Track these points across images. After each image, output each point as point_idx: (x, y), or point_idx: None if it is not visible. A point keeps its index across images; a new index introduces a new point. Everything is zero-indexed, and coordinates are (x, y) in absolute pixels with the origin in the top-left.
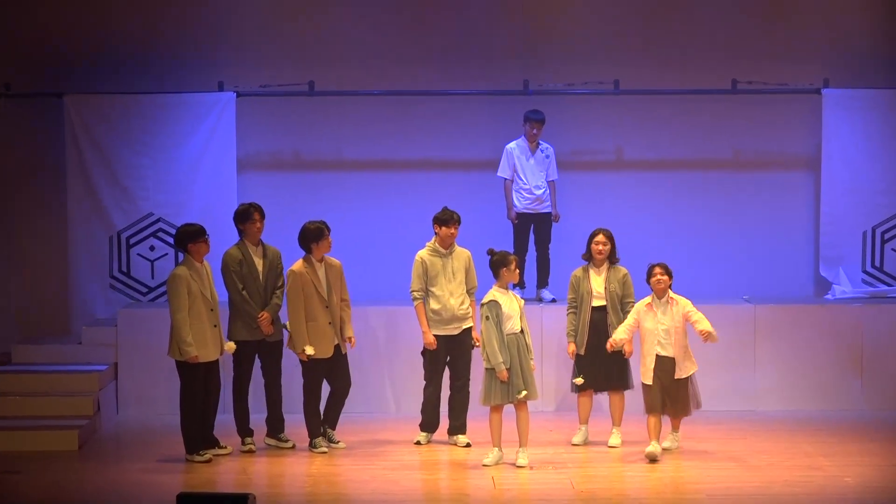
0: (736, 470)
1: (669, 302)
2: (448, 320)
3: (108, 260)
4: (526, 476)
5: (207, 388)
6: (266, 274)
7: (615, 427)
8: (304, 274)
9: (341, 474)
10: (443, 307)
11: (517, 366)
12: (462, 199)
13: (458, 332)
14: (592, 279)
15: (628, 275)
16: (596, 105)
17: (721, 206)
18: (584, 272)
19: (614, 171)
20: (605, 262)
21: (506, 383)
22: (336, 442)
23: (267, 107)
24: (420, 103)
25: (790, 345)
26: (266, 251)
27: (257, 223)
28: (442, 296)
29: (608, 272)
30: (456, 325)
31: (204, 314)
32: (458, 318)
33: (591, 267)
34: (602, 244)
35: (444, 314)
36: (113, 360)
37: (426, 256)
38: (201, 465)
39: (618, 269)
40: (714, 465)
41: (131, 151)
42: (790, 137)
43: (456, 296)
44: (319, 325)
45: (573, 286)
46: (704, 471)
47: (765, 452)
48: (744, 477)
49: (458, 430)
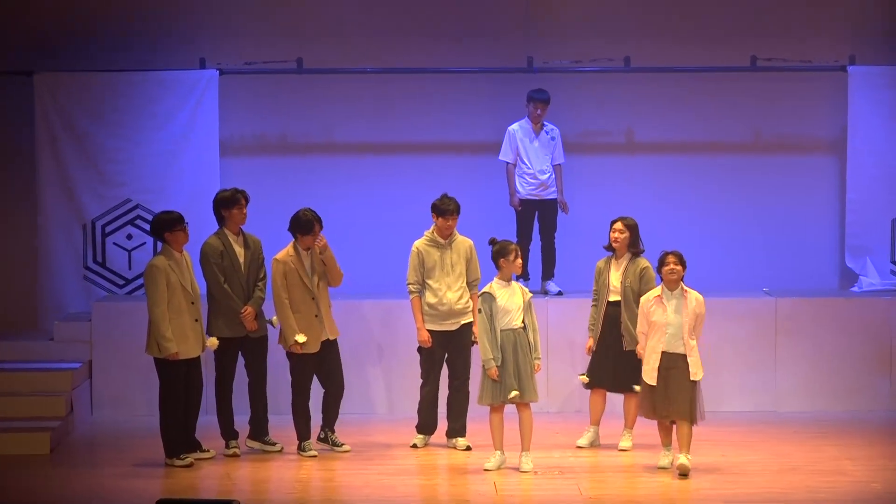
0: (755, 476)
1: (682, 294)
2: (445, 315)
3: (82, 250)
4: (530, 481)
5: (188, 387)
6: (248, 265)
7: (627, 429)
8: (289, 262)
9: (332, 479)
10: (439, 301)
11: (511, 364)
12: (461, 185)
13: (455, 327)
14: (612, 271)
15: (649, 269)
16: (605, 83)
17: (739, 192)
18: (606, 263)
19: (625, 154)
20: (625, 252)
21: (497, 382)
22: (340, 445)
23: (252, 85)
24: (416, 82)
25: (813, 341)
26: (247, 240)
27: (244, 209)
28: (438, 289)
29: (627, 265)
30: (453, 320)
31: (184, 308)
32: (455, 312)
33: (614, 258)
34: (618, 232)
35: (440, 308)
36: (87, 357)
37: (422, 247)
38: (182, 469)
39: (638, 261)
40: (732, 470)
41: (107, 133)
42: (813, 118)
43: (454, 289)
44: (305, 318)
45: (596, 277)
46: (721, 476)
47: (786, 456)
48: (764, 483)
49: (458, 433)
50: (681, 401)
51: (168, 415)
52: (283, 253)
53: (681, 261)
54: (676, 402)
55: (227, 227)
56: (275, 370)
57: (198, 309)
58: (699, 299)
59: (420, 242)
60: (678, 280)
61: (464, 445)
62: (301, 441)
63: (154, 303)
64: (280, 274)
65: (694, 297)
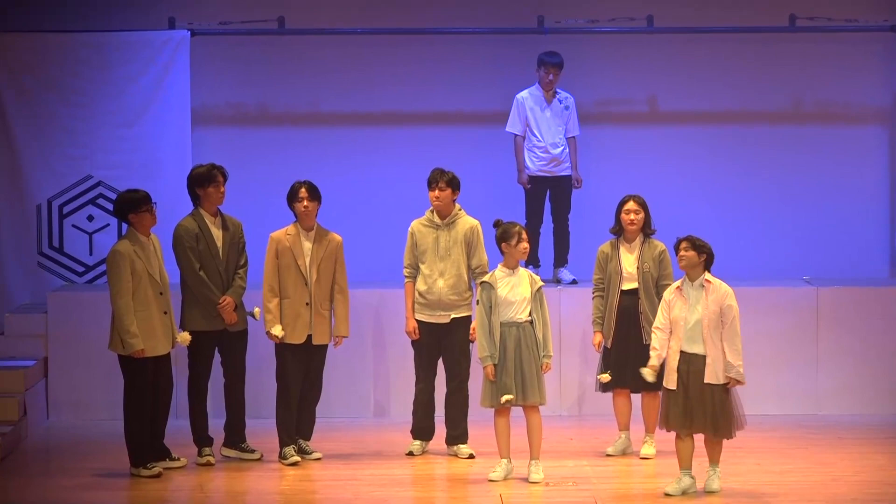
0: (795, 485)
1: (705, 286)
2: (433, 305)
3: (36, 233)
4: (541, 494)
5: (157, 387)
6: (227, 250)
7: (648, 434)
8: (284, 240)
9: (317, 492)
10: (428, 289)
11: (512, 362)
12: (464, 160)
13: (446, 320)
14: (623, 256)
15: (666, 251)
16: (625, 46)
17: (776, 168)
18: (612, 248)
19: (647, 125)
20: (637, 235)
21: (494, 382)
22: (309, 452)
23: (227, 48)
24: (414, 44)
25: (860, 335)
26: (226, 222)
27: (221, 188)
28: (430, 275)
29: (642, 248)
30: (443, 312)
31: (152, 298)
32: (445, 304)
33: (622, 241)
34: (634, 213)
35: (428, 297)
36: (42, 354)
37: (417, 227)
38: (149, 480)
39: (654, 243)
40: (768, 479)
41: (64, 102)
42: (860, 85)
43: (447, 276)
44: (294, 304)
45: (600, 264)
46: (757, 487)
47: (829, 465)
48: (804, 494)
49: (458, 440)
50: (701, 411)
51: (134, 419)
52: (281, 230)
53: (693, 246)
54: (696, 412)
55: (203, 208)
56: (254, 369)
57: (167, 300)
58: (724, 291)
59: (417, 223)
60: (689, 268)
61: (466, 453)
62: (281, 448)
63: (117, 293)
64: (272, 251)
65: (716, 287)
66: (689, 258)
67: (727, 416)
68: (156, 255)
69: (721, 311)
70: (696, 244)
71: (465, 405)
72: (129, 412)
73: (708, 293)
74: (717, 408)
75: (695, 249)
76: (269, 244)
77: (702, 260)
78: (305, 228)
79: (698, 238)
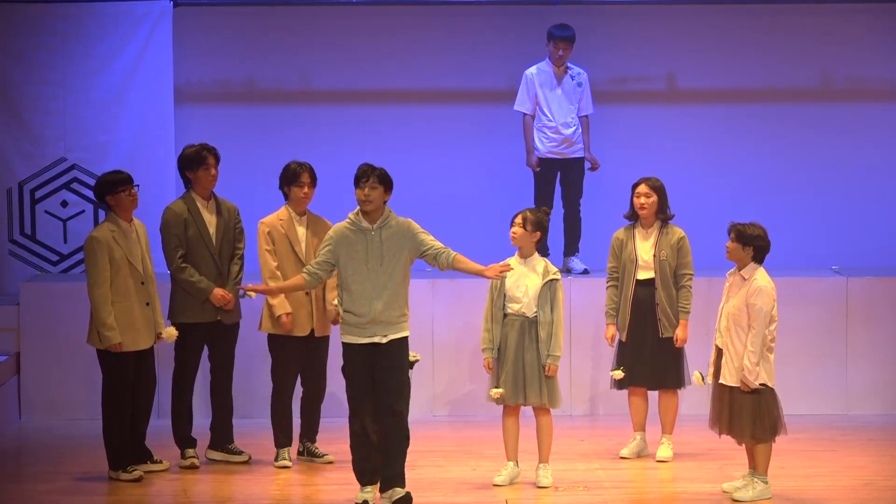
0: (822, 490)
1: (746, 279)
2: (363, 325)
3: (6, 220)
4: (550, 499)
5: (138, 385)
6: (220, 236)
7: (665, 435)
8: (277, 226)
9: (310, 496)
10: (358, 306)
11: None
12: (467, 141)
13: (384, 340)
14: (638, 243)
15: (685, 238)
16: (642, 18)
17: (803, 149)
18: (627, 234)
19: (665, 103)
20: (653, 221)
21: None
22: (320, 455)
23: (213, 19)
24: (413, 16)
25: (893, 330)
26: (220, 206)
27: (212, 170)
28: (360, 292)
29: (659, 234)
30: (377, 331)
31: (132, 289)
32: (379, 322)
33: (638, 228)
34: (645, 196)
35: (362, 316)
36: (13, 349)
37: (341, 232)
38: (129, 485)
39: (672, 230)
40: (794, 484)
41: (36, 78)
42: (893, 60)
43: (385, 292)
44: (294, 295)
45: (614, 252)
46: (782, 492)
47: (859, 469)
48: (832, 500)
49: (393, 482)
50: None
51: (113, 419)
52: (273, 216)
53: (739, 237)
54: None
55: (195, 191)
56: (242, 365)
57: (149, 291)
58: (754, 287)
59: (340, 226)
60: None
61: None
62: (279, 449)
63: (94, 283)
64: (264, 237)
65: (750, 283)
66: (731, 250)
67: (740, 420)
68: (138, 241)
69: (746, 307)
70: (745, 235)
71: (403, 443)
72: (107, 411)
73: (744, 288)
74: (736, 410)
75: (739, 241)
76: (259, 230)
77: (748, 252)
78: (298, 213)
79: (751, 226)
